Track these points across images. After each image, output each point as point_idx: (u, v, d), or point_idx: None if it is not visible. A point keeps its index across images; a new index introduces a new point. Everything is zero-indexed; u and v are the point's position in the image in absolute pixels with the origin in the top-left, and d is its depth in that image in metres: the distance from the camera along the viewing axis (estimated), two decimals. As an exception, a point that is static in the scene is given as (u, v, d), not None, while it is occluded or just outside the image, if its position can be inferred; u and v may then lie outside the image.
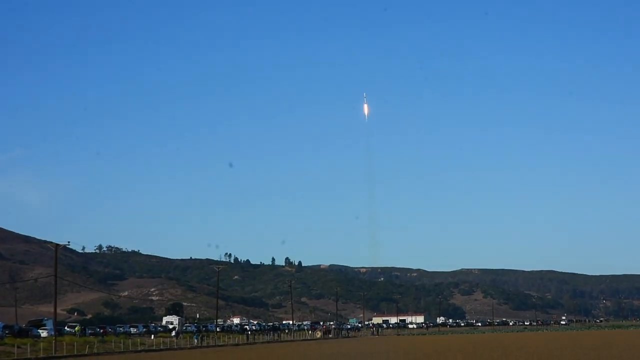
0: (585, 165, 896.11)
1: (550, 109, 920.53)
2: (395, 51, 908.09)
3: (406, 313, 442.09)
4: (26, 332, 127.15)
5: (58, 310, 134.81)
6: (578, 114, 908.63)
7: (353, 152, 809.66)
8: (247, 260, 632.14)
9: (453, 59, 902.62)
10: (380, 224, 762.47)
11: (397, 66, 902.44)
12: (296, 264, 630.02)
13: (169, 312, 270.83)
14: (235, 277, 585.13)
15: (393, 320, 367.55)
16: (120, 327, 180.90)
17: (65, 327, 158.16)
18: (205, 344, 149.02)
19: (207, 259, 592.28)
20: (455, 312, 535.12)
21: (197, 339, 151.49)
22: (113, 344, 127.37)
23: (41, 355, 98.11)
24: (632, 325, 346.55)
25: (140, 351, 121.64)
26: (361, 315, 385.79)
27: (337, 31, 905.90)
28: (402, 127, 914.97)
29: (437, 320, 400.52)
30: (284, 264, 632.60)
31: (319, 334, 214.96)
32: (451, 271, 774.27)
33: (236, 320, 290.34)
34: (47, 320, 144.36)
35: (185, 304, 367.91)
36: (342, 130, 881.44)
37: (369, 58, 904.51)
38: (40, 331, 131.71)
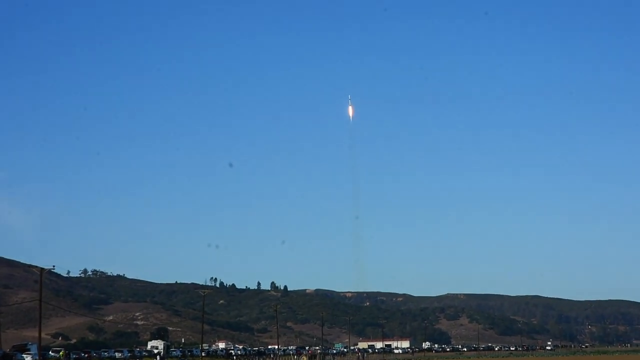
0: (572, 191, 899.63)
1: (545, 125, 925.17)
2: (393, 52, 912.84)
3: (392, 338, 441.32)
4: (10, 356, 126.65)
5: (42, 335, 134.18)
6: (571, 130, 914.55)
7: (338, 178, 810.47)
8: (233, 285, 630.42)
9: (452, 60, 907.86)
10: (366, 249, 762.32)
11: (395, 67, 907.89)
12: (282, 288, 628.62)
13: (154, 337, 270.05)
14: (221, 301, 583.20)
15: (379, 345, 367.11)
16: (105, 351, 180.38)
17: (50, 352, 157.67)
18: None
19: (193, 284, 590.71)
20: (441, 337, 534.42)
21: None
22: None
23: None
24: (617, 350, 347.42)
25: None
26: (347, 340, 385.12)
27: (334, 31, 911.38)
28: (387, 154, 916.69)
29: (423, 345, 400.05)
30: (269, 289, 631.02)
31: (304, 359, 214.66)
32: (437, 296, 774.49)
33: (221, 345, 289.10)
34: (31, 344, 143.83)
35: (170, 328, 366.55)
36: (327, 157, 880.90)
37: (368, 58, 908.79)
38: (24, 356, 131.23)
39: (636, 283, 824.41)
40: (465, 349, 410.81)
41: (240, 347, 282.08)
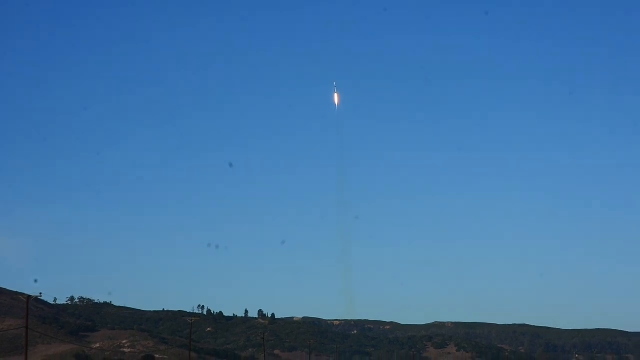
0: (560, 218, 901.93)
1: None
2: (393, 55, 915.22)
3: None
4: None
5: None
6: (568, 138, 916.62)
7: (326, 200, 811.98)
8: (220, 312, 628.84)
9: (452, 58, 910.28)
10: (354, 277, 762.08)
11: (396, 71, 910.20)
12: (269, 316, 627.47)
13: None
14: (208, 329, 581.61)
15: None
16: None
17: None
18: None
19: (180, 311, 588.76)
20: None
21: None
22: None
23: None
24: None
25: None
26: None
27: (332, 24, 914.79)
28: (376, 171, 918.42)
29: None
30: (257, 316, 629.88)
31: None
32: (424, 324, 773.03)
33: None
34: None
35: (157, 356, 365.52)
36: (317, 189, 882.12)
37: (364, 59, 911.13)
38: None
39: (624, 312, 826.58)
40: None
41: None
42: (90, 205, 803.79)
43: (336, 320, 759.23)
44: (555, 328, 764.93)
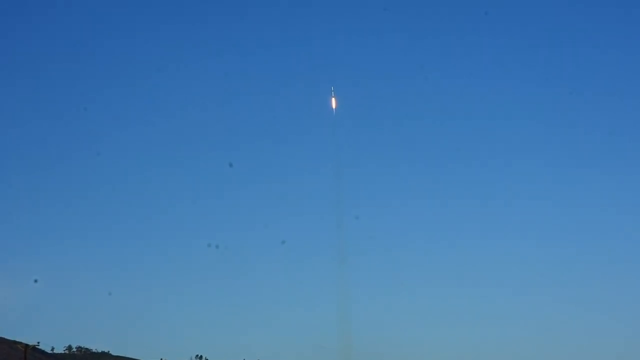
0: (562, 270, 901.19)
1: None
2: (393, 55, 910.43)
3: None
4: None
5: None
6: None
7: (324, 241, 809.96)
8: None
9: (452, 59, 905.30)
10: (352, 327, 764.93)
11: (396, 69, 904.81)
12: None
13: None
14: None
15: None
16: None
17: None
18: None
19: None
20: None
21: None
22: None
23: None
24: None
25: None
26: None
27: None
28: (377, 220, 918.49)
29: None
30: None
31: None
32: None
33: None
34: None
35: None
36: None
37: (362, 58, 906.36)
38: None
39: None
40: None
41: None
42: (85, 251, 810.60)
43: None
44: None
